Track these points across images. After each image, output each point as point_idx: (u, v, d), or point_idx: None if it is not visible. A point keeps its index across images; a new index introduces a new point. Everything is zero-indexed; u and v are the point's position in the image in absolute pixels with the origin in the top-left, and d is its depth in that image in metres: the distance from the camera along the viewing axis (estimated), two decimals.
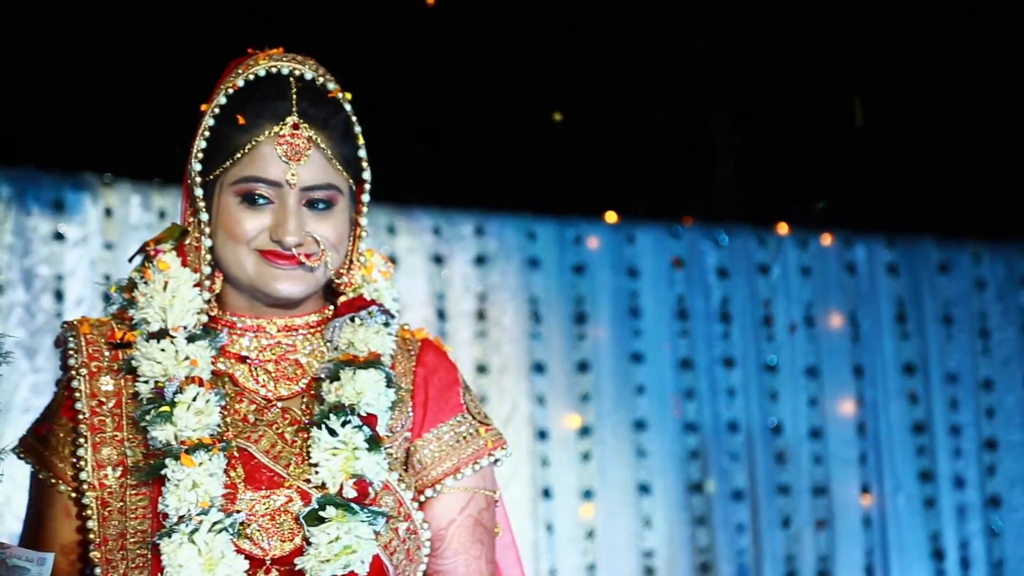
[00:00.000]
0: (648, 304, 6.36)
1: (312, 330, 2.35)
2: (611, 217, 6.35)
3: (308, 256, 2.27)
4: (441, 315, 6.10)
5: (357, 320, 2.32)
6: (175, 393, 2.22)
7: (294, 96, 2.29)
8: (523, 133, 6.02)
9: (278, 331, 2.33)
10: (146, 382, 2.24)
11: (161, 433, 2.21)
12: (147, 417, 2.22)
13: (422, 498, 2.32)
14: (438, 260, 6.13)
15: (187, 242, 2.31)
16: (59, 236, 5.64)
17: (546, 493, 6.15)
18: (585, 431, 6.24)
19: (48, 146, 5.58)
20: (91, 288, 5.65)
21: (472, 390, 2.41)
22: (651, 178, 6.28)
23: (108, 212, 5.72)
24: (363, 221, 2.36)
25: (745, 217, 6.52)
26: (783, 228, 6.57)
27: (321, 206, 2.29)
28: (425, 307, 6.06)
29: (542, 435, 6.17)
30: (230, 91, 2.30)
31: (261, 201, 2.27)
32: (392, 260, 2.51)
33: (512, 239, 6.24)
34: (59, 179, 5.67)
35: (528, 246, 6.26)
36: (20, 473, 2.34)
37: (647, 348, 6.33)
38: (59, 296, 5.61)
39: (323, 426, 2.24)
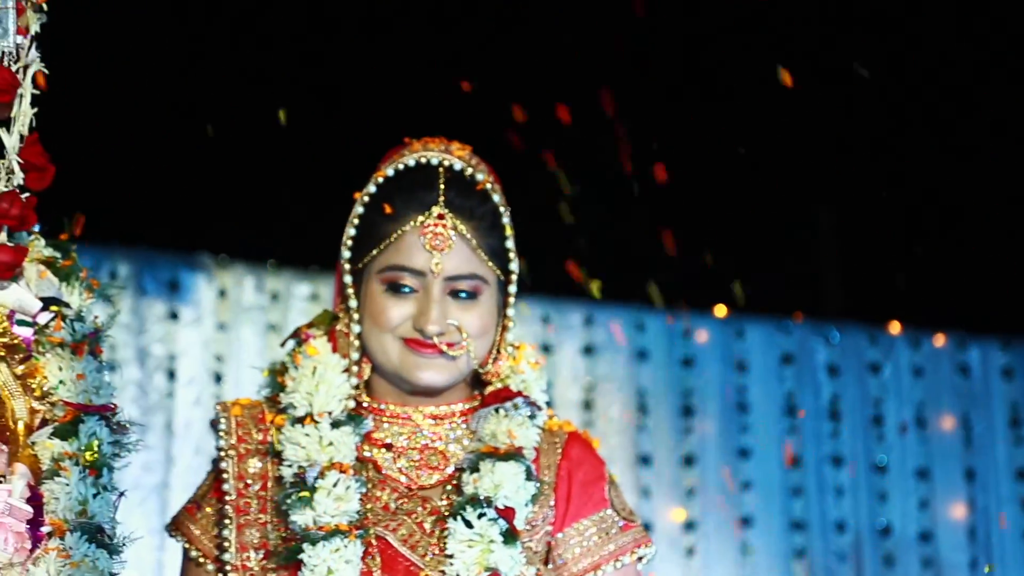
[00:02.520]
0: (756, 399, 6.31)
1: (458, 420, 2.35)
2: (721, 311, 6.32)
3: (450, 345, 2.28)
4: (548, 404, 6.07)
5: (502, 412, 2.31)
6: (316, 478, 2.23)
7: (441, 186, 2.31)
8: (633, 227, 6.02)
9: (424, 419, 2.34)
10: (290, 466, 2.25)
11: (300, 517, 2.22)
12: (288, 501, 2.22)
13: None
14: (546, 349, 6.13)
15: (338, 328, 2.33)
16: (173, 316, 5.71)
17: None
18: (690, 526, 6.17)
19: (165, 227, 5.66)
20: (203, 368, 5.70)
21: (619, 485, 2.39)
22: (762, 273, 6.25)
23: (222, 293, 5.78)
24: (511, 312, 2.36)
25: (856, 315, 6.46)
26: (895, 327, 6.50)
27: (465, 295, 2.29)
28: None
29: (646, 528, 6.11)
30: (380, 180, 2.33)
31: (406, 290, 2.29)
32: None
33: (621, 330, 6.23)
34: (175, 259, 5.75)
35: (637, 338, 6.25)
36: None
37: (754, 444, 6.27)
38: (171, 375, 5.67)
39: (459, 517, 2.23)
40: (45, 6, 2.14)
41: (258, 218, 5.57)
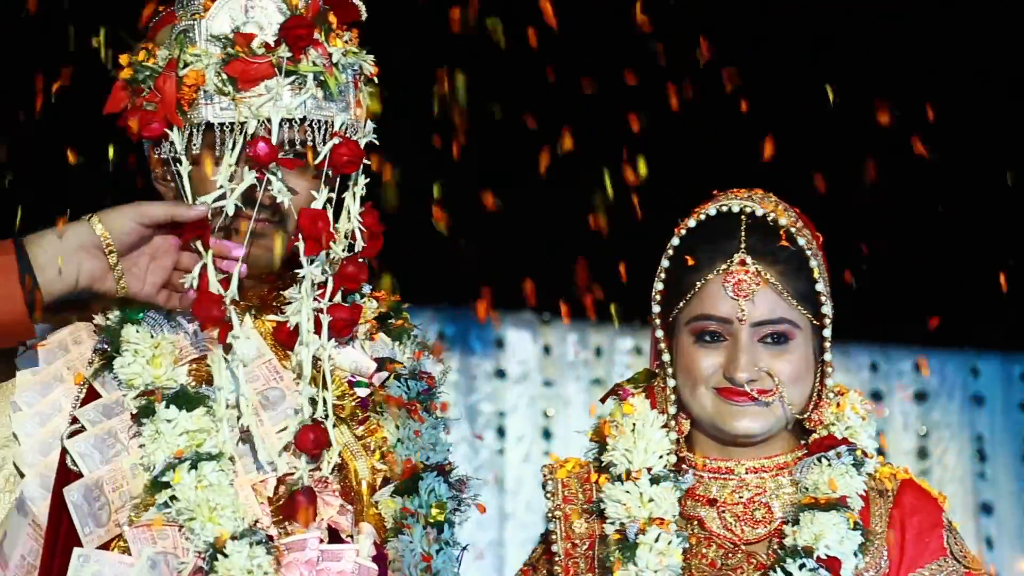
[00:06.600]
0: None
1: (782, 471, 2.32)
2: None
3: (762, 392, 2.26)
4: (879, 453, 5.95)
5: (824, 461, 2.27)
6: (637, 534, 2.23)
7: (742, 233, 2.29)
8: (966, 269, 5.83)
9: (747, 472, 2.32)
10: (612, 523, 2.26)
11: (623, 574, 2.22)
12: (610, 558, 2.23)
13: None
14: (876, 397, 6.00)
15: (655, 384, 2.34)
16: (500, 373, 5.80)
17: None
18: None
19: (490, 286, 5.76)
20: (532, 425, 5.77)
21: (959, 532, 2.32)
22: None
23: (547, 350, 5.85)
24: (828, 356, 2.31)
25: None
26: None
27: (775, 341, 2.27)
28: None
29: None
30: (683, 232, 2.33)
31: (714, 338, 2.28)
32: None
33: (954, 375, 6.05)
34: (500, 318, 5.85)
35: (971, 383, 6.06)
36: None
37: None
38: (501, 432, 5.76)
39: (780, 570, 2.20)
40: (376, 79, 2.22)
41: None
